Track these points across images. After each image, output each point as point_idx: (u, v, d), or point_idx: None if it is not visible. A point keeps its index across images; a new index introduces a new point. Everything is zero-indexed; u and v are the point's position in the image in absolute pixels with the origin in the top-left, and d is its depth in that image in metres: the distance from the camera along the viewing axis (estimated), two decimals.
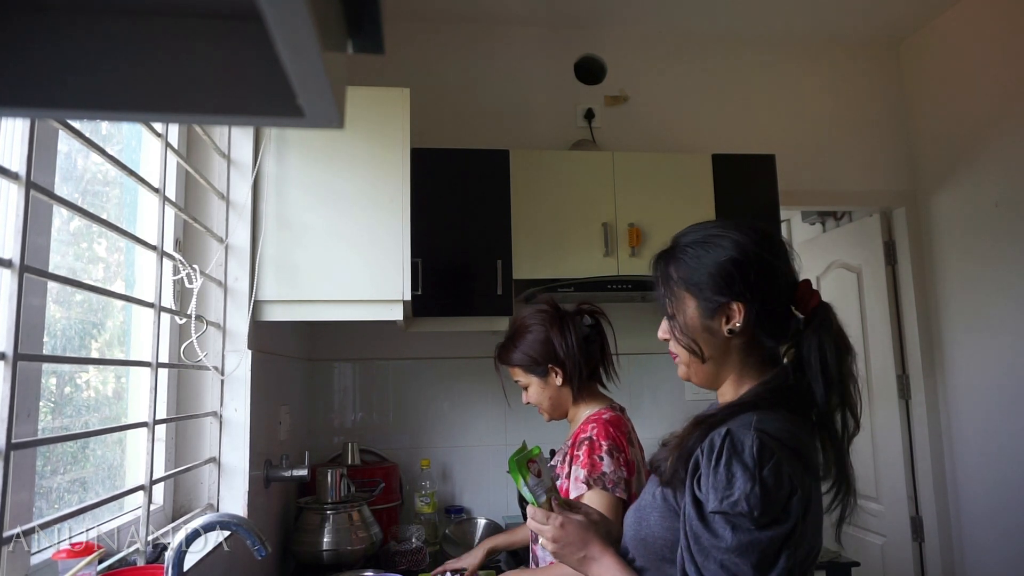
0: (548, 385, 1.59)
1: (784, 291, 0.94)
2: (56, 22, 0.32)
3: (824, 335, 0.90)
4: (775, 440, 0.83)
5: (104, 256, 1.38)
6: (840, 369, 0.90)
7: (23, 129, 0.87)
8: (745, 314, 0.92)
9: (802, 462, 0.85)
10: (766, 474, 0.81)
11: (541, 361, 1.57)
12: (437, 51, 2.81)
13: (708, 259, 0.94)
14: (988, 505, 2.66)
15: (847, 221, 3.36)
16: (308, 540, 1.93)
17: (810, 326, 0.92)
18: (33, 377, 1.03)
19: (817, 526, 0.89)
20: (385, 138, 1.78)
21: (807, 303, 0.93)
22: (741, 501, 0.80)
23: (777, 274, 0.93)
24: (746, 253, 0.92)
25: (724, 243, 0.94)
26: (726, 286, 0.92)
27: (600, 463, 1.41)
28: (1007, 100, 2.58)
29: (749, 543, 0.80)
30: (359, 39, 0.31)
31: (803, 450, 0.86)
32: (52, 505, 1.14)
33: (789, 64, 3.05)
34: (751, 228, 0.96)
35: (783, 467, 0.81)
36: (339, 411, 2.59)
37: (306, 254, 1.71)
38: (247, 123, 0.36)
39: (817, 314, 0.92)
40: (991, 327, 2.64)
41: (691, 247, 0.97)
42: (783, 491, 0.81)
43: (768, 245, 0.94)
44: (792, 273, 0.96)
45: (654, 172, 2.47)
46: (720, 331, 0.94)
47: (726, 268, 0.92)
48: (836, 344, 0.90)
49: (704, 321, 0.95)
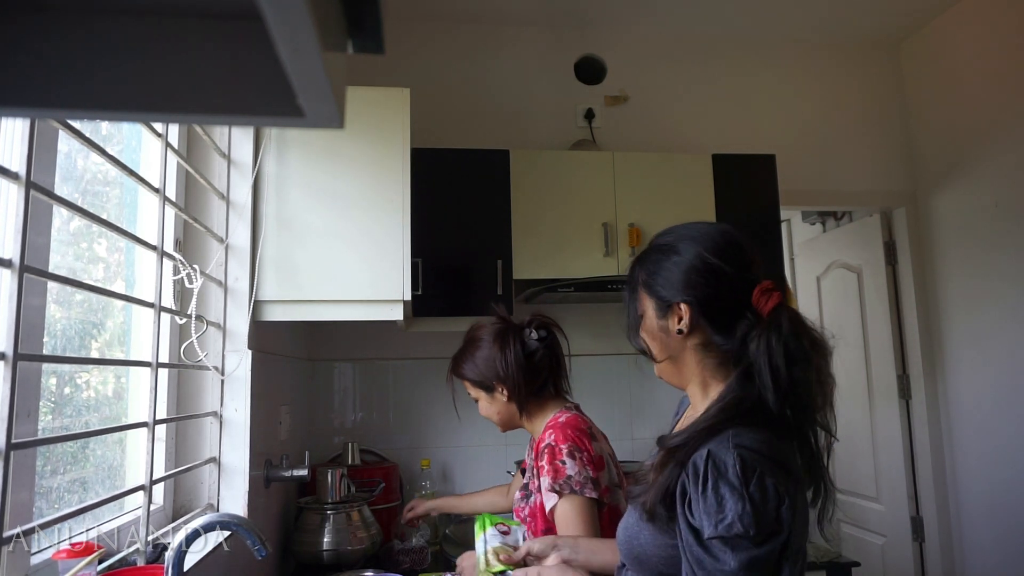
0: (495, 400, 1.61)
1: (736, 293, 0.95)
2: (56, 22, 0.32)
3: (772, 337, 0.89)
4: (755, 454, 0.84)
5: (104, 256, 1.38)
6: (791, 375, 0.88)
7: (23, 129, 0.87)
8: (690, 314, 0.96)
9: (784, 470, 0.85)
10: (752, 491, 0.82)
11: (487, 378, 1.59)
12: (437, 51, 2.81)
13: (665, 263, 1.00)
14: (988, 505, 2.66)
15: (847, 221, 3.36)
16: (308, 540, 1.94)
17: (756, 328, 0.92)
18: (33, 377, 1.03)
19: (804, 529, 0.89)
20: (385, 138, 1.78)
21: (763, 306, 0.93)
22: (736, 523, 0.81)
23: (723, 277, 0.96)
24: (697, 257, 0.97)
25: (680, 247, 0.99)
26: (674, 288, 0.97)
27: (563, 467, 1.40)
28: (1007, 100, 2.58)
29: (750, 562, 0.81)
30: (359, 39, 0.31)
31: (782, 458, 0.86)
32: (52, 505, 1.14)
33: (789, 64, 3.05)
34: (714, 233, 0.99)
35: (767, 480, 0.83)
36: (339, 411, 2.59)
37: (306, 254, 1.71)
38: (247, 123, 0.36)
39: (770, 317, 0.92)
40: (991, 327, 2.64)
41: (654, 251, 1.03)
42: (772, 504, 0.82)
43: (725, 250, 0.97)
44: (750, 277, 0.97)
45: (654, 172, 2.47)
46: (672, 331, 0.98)
47: (675, 271, 0.98)
48: (786, 348, 0.88)
49: (659, 321, 1.00)
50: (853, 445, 3.28)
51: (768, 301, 0.93)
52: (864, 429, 3.20)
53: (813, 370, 0.89)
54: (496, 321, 1.62)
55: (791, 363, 0.88)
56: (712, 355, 0.98)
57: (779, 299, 0.93)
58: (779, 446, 0.87)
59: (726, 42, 3.01)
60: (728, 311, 0.95)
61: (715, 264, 0.96)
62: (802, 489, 0.88)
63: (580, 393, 2.14)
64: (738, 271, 0.97)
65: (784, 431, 0.90)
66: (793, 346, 0.89)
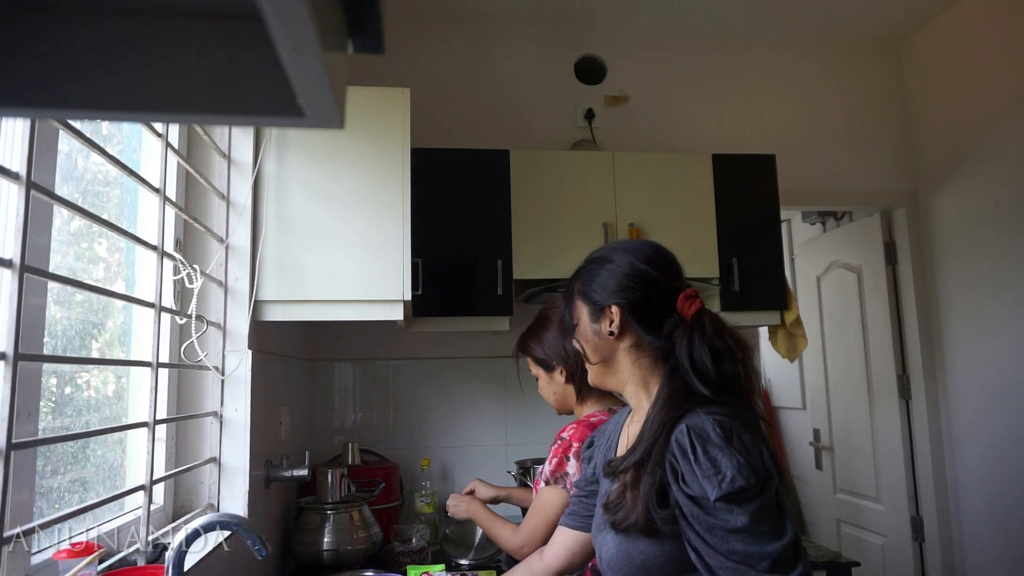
0: (553, 381, 1.64)
1: (663, 298, 1.04)
2: (57, 22, 0.32)
3: (696, 336, 0.98)
4: (726, 418, 0.93)
5: (104, 256, 1.38)
6: (720, 370, 0.96)
7: (23, 129, 0.87)
8: (620, 316, 1.04)
9: (752, 428, 0.93)
10: (737, 446, 0.89)
11: (548, 358, 1.62)
12: (437, 51, 2.81)
13: (599, 271, 1.08)
14: (988, 505, 2.66)
15: (847, 221, 3.36)
16: (308, 540, 1.94)
17: (678, 329, 1.01)
18: (33, 377, 1.04)
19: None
20: (385, 138, 1.78)
21: (687, 310, 1.02)
22: (737, 477, 0.87)
23: (652, 283, 1.04)
24: (628, 264, 1.06)
25: (613, 257, 1.08)
26: (606, 292, 1.06)
27: (566, 463, 1.45)
28: (1007, 100, 2.58)
29: (758, 512, 0.86)
30: (359, 39, 0.31)
31: (747, 420, 0.95)
32: (52, 505, 1.14)
33: (789, 64, 3.05)
34: (643, 245, 1.09)
35: (744, 435, 0.91)
36: (339, 411, 2.59)
37: (306, 254, 1.71)
38: (247, 123, 0.36)
39: (693, 319, 1.01)
40: (991, 327, 2.64)
41: (589, 263, 1.12)
42: (756, 454, 0.90)
43: (654, 261, 1.06)
44: (676, 285, 1.06)
45: (654, 172, 2.47)
46: (604, 333, 1.06)
47: (607, 278, 1.07)
48: (711, 346, 0.97)
49: (593, 325, 1.08)
50: (853, 445, 3.28)
51: (691, 306, 1.02)
52: (864, 429, 3.20)
53: (740, 364, 0.98)
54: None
55: (717, 359, 0.97)
56: (645, 354, 1.05)
57: (700, 304, 1.03)
58: (739, 414, 0.95)
59: (726, 42, 3.01)
60: (656, 313, 1.04)
61: (644, 270, 1.05)
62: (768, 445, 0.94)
63: None
64: (665, 278, 1.05)
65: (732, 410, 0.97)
66: (718, 344, 0.97)
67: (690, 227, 2.44)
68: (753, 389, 0.99)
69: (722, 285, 2.43)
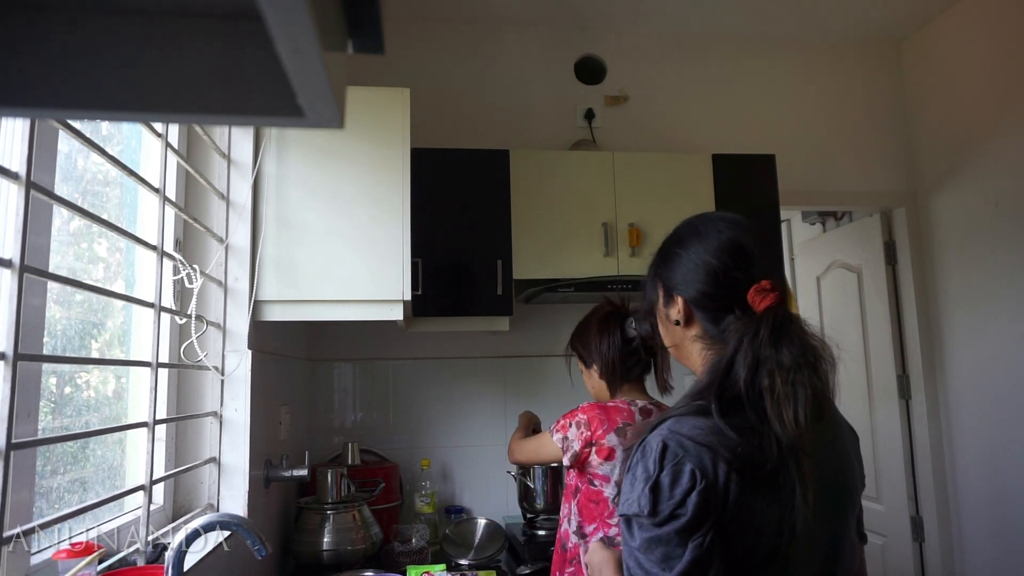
0: (591, 376, 1.78)
1: (729, 291, 0.97)
2: (56, 22, 0.32)
3: (743, 340, 0.90)
4: (686, 439, 0.85)
5: (104, 256, 1.38)
6: (754, 379, 0.87)
7: (23, 129, 0.87)
8: (685, 307, 1.00)
9: (722, 457, 0.83)
10: (663, 474, 0.84)
11: (585, 355, 1.77)
12: (437, 51, 2.81)
13: (670, 255, 1.04)
14: (988, 505, 2.66)
15: (847, 221, 3.36)
16: (308, 540, 1.94)
17: (733, 326, 0.94)
18: (33, 377, 1.04)
19: (759, 519, 0.85)
20: (385, 138, 1.78)
21: (758, 304, 0.94)
22: (634, 503, 0.85)
23: (717, 275, 0.98)
24: (695, 255, 1.00)
25: (686, 243, 1.03)
26: (674, 281, 1.02)
27: (566, 428, 1.66)
28: (1007, 100, 2.58)
29: (650, 539, 0.83)
30: (359, 39, 0.31)
31: (723, 446, 0.84)
32: (52, 505, 1.14)
33: (789, 64, 3.05)
34: (718, 233, 1.01)
35: (686, 465, 0.83)
36: (339, 411, 2.59)
37: (306, 254, 1.71)
38: (247, 123, 0.36)
39: (759, 317, 0.92)
40: (991, 327, 2.64)
41: (668, 242, 1.07)
42: (680, 488, 0.82)
43: (725, 250, 0.99)
44: (746, 276, 0.97)
45: (654, 172, 2.47)
46: (672, 320, 1.03)
47: (677, 266, 1.02)
48: (756, 355, 0.88)
49: (664, 309, 1.05)
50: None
51: (763, 300, 0.93)
52: (864, 429, 3.20)
53: (774, 381, 0.87)
54: (607, 305, 1.78)
55: (755, 368, 0.88)
56: (713, 346, 0.99)
57: (774, 300, 0.93)
58: (725, 436, 0.85)
59: (726, 42, 3.01)
60: (720, 305, 0.98)
61: (709, 262, 0.99)
62: (754, 480, 0.84)
63: (579, 392, 2.15)
64: (734, 269, 0.98)
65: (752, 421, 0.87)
66: (765, 353, 0.88)
67: None
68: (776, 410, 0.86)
69: None
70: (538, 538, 2.16)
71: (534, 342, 2.72)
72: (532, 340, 2.72)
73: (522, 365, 2.71)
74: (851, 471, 0.99)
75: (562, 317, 2.73)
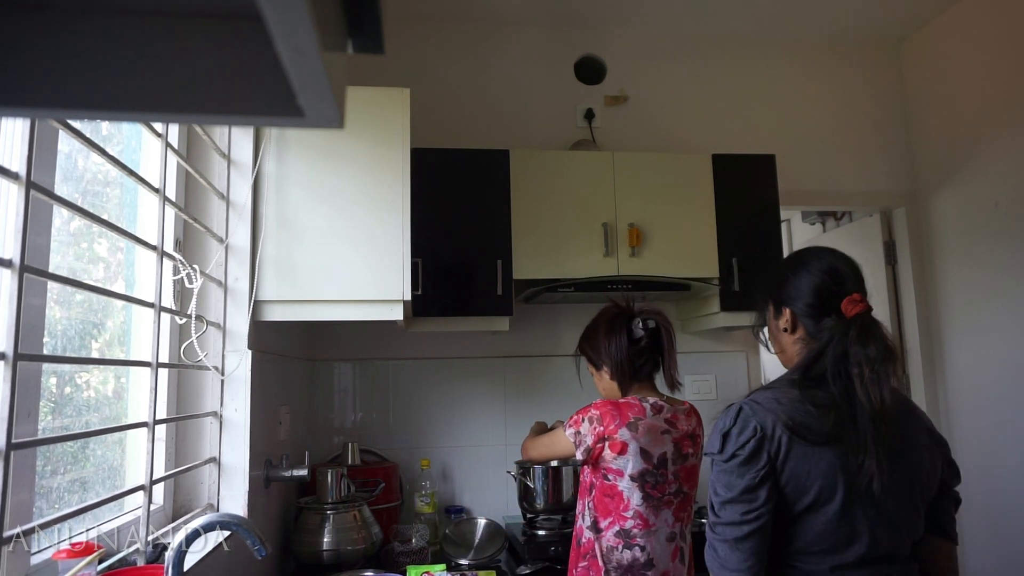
0: (601, 377, 1.81)
1: (830, 301, 1.22)
2: (56, 22, 0.32)
3: (837, 339, 1.16)
4: (755, 404, 1.14)
5: (104, 256, 1.38)
6: (839, 369, 1.14)
7: (23, 129, 0.87)
8: (791, 317, 1.26)
9: (780, 420, 1.11)
10: (735, 427, 1.13)
11: (595, 358, 1.80)
12: (437, 51, 2.81)
13: (782, 279, 1.29)
14: (988, 505, 2.66)
15: (847, 221, 3.36)
16: (308, 540, 1.94)
17: (828, 327, 1.19)
18: (33, 377, 1.04)
19: (805, 472, 1.09)
20: (385, 138, 1.78)
21: (849, 312, 1.19)
22: (714, 444, 1.15)
23: (822, 291, 1.22)
24: (806, 278, 1.25)
25: (798, 271, 1.27)
26: (784, 298, 1.27)
27: (580, 423, 1.69)
28: (1007, 100, 2.58)
29: (720, 471, 1.13)
30: (359, 39, 0.31)
31: (783, 412, 1.12)
32: (52, 505, 1.14)
33: (789, 64, 3.05)
34: (822, 264, 1.25)
35: (751, 422, 1.11)
36: (339, 411, 2.59)
37: (306, 254, 1.71)
38: (247, 123, 0.36)
39: (849, 320, 1.17)
40: (991, 327, 2.64)
41: (779, 268, 1.33)
42: (744, 436, 1.11)
43: (827, 272, 1.24)
44: (844, 290, 1.22)
45: (654, 172, 2.47)
46: (780, 328, 1.28)
47: (788, 287, 1.27)
48: (842, 351, 1.14)
49: (774, 321, 1.30)
50: None
51: (852, 308, 1.18)
52: None
53: (862, 369, 1.11)
54: (613, 307, 1.81)
55: (844, 356, 1.13)
56: (808, 346, 1.23)
57: (861, 309, 1.18)
58: (794, 406, 1.12)
59: (726, 42, 3.01)
60: (821, 315, 1.22)
61: (818, 282, 1.24)
62: (808, 443, 1.09)
63: (580, 392, 2.15)
64: (836, 287, 1.22)
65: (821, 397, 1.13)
66: (854, 348, 1.13)
67: (690, 227, 2.44)
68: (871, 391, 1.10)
69: (722, 285, 2.43)
70: (538, 538, 2.16)
71: (534, 342, 2.72)
72: (532, 340, 2.72)
73: (522, 365, 2.71)
74: (918, 464, 1.18)
75: (562, 317, 2.73)
